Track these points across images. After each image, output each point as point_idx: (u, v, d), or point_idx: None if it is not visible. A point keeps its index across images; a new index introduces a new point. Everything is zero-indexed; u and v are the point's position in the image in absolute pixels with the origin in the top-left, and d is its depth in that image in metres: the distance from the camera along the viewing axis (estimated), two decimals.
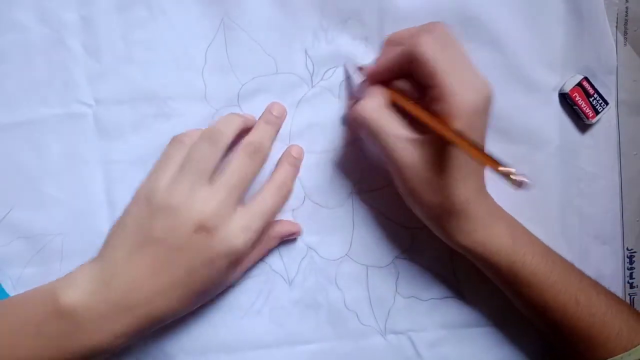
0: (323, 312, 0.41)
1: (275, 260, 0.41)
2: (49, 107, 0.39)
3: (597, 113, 0.40)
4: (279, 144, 0.40)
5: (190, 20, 0.39)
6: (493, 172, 0.28)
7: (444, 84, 0.32)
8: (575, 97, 0.40)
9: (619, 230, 0.42)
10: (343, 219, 0.41)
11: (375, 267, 0.41)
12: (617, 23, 0.41)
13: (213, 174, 0.36)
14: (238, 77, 0.40)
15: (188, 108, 0.40)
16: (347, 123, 0.41)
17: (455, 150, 0.33)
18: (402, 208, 0.41)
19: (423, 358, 0.41)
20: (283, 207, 0.39)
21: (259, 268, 0.40)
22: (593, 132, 0.42)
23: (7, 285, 0.39)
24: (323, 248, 0.41)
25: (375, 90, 0.36)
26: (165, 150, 0.37)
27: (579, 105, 0.40)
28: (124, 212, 0.36)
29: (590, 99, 0.40)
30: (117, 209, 0.39)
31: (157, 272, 0.34)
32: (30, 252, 0.39)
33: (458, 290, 0.41)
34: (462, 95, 0.32)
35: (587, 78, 0.40)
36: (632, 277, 0.43)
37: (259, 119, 0.39)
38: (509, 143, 0.41)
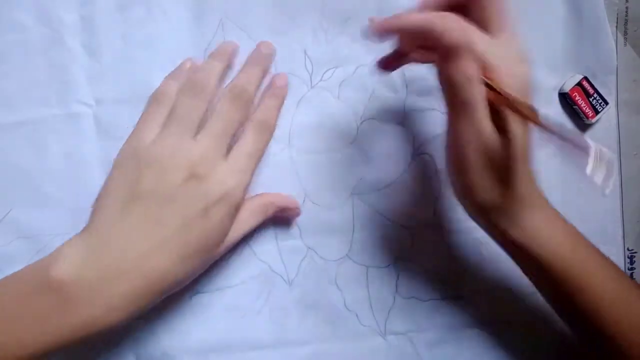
0: (323, 312, 0.41)
1: (275, 261, 0.41)
2: (49, 107, 0.39)
3: (597, 113, 0.40)
4: (278, 145, 0.40)
5: (190, 20, 0.39)
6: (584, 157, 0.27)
7: (486, 61, 0.30)
8: (575, 96, 0.40)
9: (619, 230, 0.42)
10: (343, 220, 0.41)
11: (375, 267, 0.41)
12: (617, 23, 0.41)
13: (199, 126, 0.35)
14: None
15: None
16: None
17: (528, 145, 0.31)
18: (402, 208, 0.41)
19: (423, 358, 0.41)
20: (268, 143, 0.38)
21: (259, 268, 0.40)
22: (593, 132, 0.42)
23: None
24: (323, 248, 0.41)
25: (469, 55, 0.30)
26: (146, 109, 0.37)
27: (579, 105, 0.40)
28: (107, 179, 0.35)
29: (590, 99, 0.40)
30: None
31: (149, 227, 0.32)
32: (30, 252, 0.39)
33: (458, 291, 0.41)
34: (509, 72, 0.31)
35: (587, 78, 0.40)
36: (632, 277, 0.42)
37: (247, 59, 0.38)
38: None
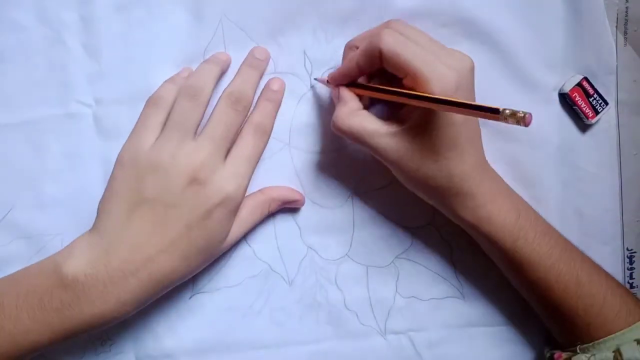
0: (323, 312, 0.41)
1: (276, 261, 0.41)
2: (49, 107, 0.39)
3: (597, 113, 0.40)
4: (278, 144, 0.40)
5: (190, 21, 0.39)
6: (495, 118, 0.28)
7: (415, 71, 0.32)
8: (575, 97, 0.40)
9: (619, 230, 0.42)
10: (343, 219, 0.41)
11: (376, 267, 0.41)
12: (617, 23, 0.41)
13: (198, 129, 0.36)
14: None
15: None
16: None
17: (441, 130, 0.33)
18: (402, 208, 0.41)
19: (423, 358, 0.41)
20: (265, 146, 0.39)
21: (259, 268, 0.40)
22: (593, 132, 0.42)
23: None
24: (323, 248, 0.41)
25: (345, 96, 0.36)
26: (143, 113, 0.37)
27: (579, 106, 0.40)
28: (110, 179, 0.36)
29: (590, 99, 0.40)
30: None
31: (155, 231, 0.34)
32: (30, 252, 0.39)
33: (458, 290, 0.41)
34: (436, 78, 0.31)
35: (587, 78, 0.40)
36: (632, 277, 0.42)
37: (242, 64, 0.39)
38: (509, 143, 0.41)
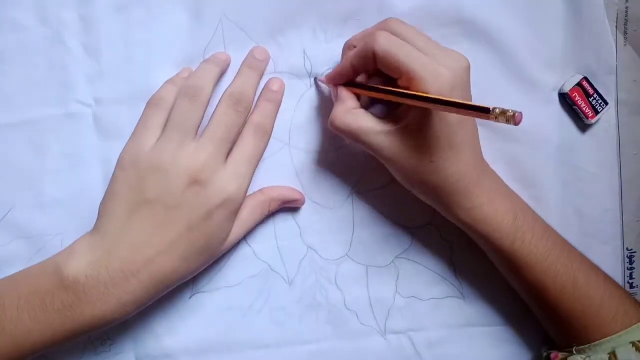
0: (323, 312, 0.41)
1: (276, 261, 0.41)
2: (49, 107, 0.39)
3: (597, 113, 0.40)
4: (278, 144, 0.40)
5: (190, 21, 0.39)
6: (486, 117, 0.28)
7: (409, 71, 0.32)
8: (575, 97, 0.40)
9: (619, 230, 0.42)
10: (343, 219, 0.41)
11: (375, 267, 0.41)
12: (617, 23, 0.41)
13: (198, 130, 0.36)
14: None
15: None
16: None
17: (437, 130, 0.33)
18: (402, 208, 0.41)
19: (423, 358, 0.41)
20: (266, 147, 0.39)
21: (259, 268, 0.40)
22: (593, 132, 0.42)
23: None
24: (323, 248, 0.41)
25: (343, 95, 0.36)
26: (143, 114, 0.37)
27: (579, 106, 0.40)
28: (112, 180, 0.36)
29: (590, 99, 0.40)
30: None
31: (156, 232, 0.34)
32: (30, 252, 0.39)
33: (458, 290, 0.41)
34: (430, 78, 0.31)
35: (587, 78, 0.40)
36: (632, 277, 0.42)
37: (242, 64, 0.39)
38: (509, 143, 0.41)
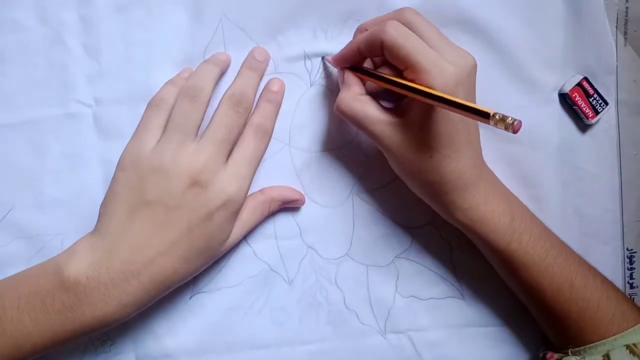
0: (323, 312, 0.41)
1: (276, 261, 0.41)
2: (49, 107, 0.39)
3: (597, 113, 0.40)
4: (278, 144, 0.40)
5: (190, 21, 0.39)
6: (486, 122, 0.28)
7: (415, 64, 0.32)
8: (575, 97, 0.40)
9: (619, 230, 0.42)
10: (343, 219, 0.41)
11: (375, 266, 0.41)
12: (617, 23, 0.41)
13: (199, 131, 0.36)
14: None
15: None
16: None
17: (439, 126, 0.33)
18: (402, 208, 0.41)
19: (423, 358, 0.41)
20: (266, 147, 0.39)
21: (259, 268, 0.40)
22: (593, 132, 0.42)
23: None
24: (323, 248, 0.41)
25: (349, 80, 0.36)
26: (144, 115, 0.37)
27: (579, 106, 0.40)
28: (112, 181, 0.36)
29: (590, 99, 0.40)
30: None
31: (156, 233, 0.34)
32: (30, 252, 0.39)
33: (458, 290, 0.41)
34: (436, 72, 0.31)
35: (587, 78, 0.40)
36: (632, 277, 0.42)
37: (242, 65, 0.39)
38: (509, 143, 0.41)
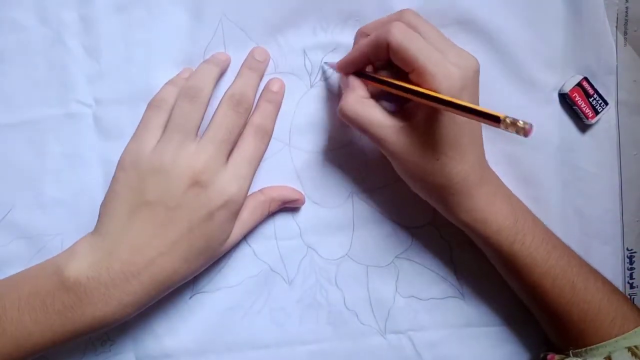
0: (323, 312, 0.41)
1: (276, 261, 0.41)
2: (49, 107, 0.39)
3: (596, 113, 0.40)
4: (278, 144, 0.40)
5: (189, 21, 0.39)
6: (496, 126, 0.28)
7: (421, 67, 0.32)
8: (575, 97, 0.40)
9: (619, 230, 0.42)
10: (343, 219, 0.41)
11: (375, 267, 0.41)
12: (617, 23, 0.41)
13: (199, 131, 0.36)
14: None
15: None
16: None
17: (445, 129, 0.33)
18: (402, 208, 0.41)
19: (423, 358, 0.41)
20: (267, 147, 0.39)
21: (259, 268, 0.40)
22: (593, 132, 0.42)
23: None
24: (323, 248, 0.41)
25: (353, 83, 0.36)
26: (144, 115, 0.37)
27: (579, 106, 0.40)
28: (112, 181, 0.36)
29: (590, 99, 0.40)
30: None
31: (157, 233, 0.34)
32: (30, 252, 0.39)
33: (458, 290, 0.41)
34: (442, 75, 0.31)
35: (586, 78, 0.40)
36: (632, 277, 0.42)
37: (242, 65, 0.39)
38: (509, 143, 0.41)
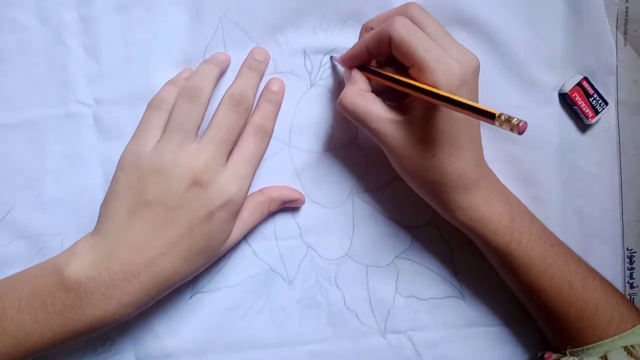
0: (323, 312, 0.41)
1: (276, 261, 0.41)
2: (49, 107, 0.39)
3: (596, 113, 0.40)
4: (278, 144, 0.40)
5: (189, 21, 0.39)
6: (491, 122, 0.28)
7: (421, 61, 0.32)
8: (575, 97, 0.40)
9: (619, 230, 0.42)
10: (343, 219, 0.41)
11: (375, 266, 0.41)
12: (617, 23, 0.41)
13: (199, 131, 0.36)
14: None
15: None
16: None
17: (442, 125, 0.33)
18: (402, 208, 0.41)
19: (423, 358, 0.41)
20: (267, 147, 0.39)
21: (259, 268, 0.40)
22: (593, 132, 0.42)
23: None
24: (323, 248, 0.41)
25: (355, 77, 0.36)
26: (144, 115, 0.37)
27: (579, 106, 0.40)
28: (112, 181, 0.36)
29: (590, 99, 0.40)
30: None
31: (157, 233, 0.34)
32: (30, 252, 0.39)
33: (458, 290, 0.41)
34: (441, 70, 0.31)
35: (586, 78, 0.40)
36: (632, 277, 0.42)
37: (242, 65, 0.39)
38: (509, 143, 0.41)
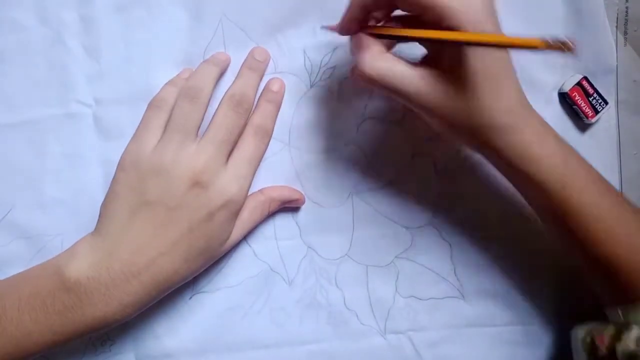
0: (323, 312, 0.41)
1: (276, 261, 0.41)
2: (49, 107, 0.39)
3: (596, 113, 0.40)
4: (278, 144, 0.40)
5: (189, 21, 0.39)
6: (538, 49, 0.26)
7: (434, 3, 0.29)
8: (575, 96, 0.40)
9: None
10: (343, 219, 0.41)
11: (375, 266, 0.41)
12: (617, 23, 0.41)
13: (199, 131, 0.36)
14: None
15: None
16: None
17: (475, 64, 0.30)
18: (402, 208, 0.41)
19: (423, 358, 0.41)
20: (267, 147, 0.39)
21: (259, 268, 0.40)
22: (593, 131, 0.42)
23: None
24: (323, 248, 0.41)
25: (365, 41, 0.32)
26: (144, 116, 0.37)
27: (579, 105, 0.40)
28: (112, 182, 0.36)
29: (590, 99, 0.40)
30: None
31: (157, 233, 0.34)
32: (30, 252, 0.39)
33: (458, 290, 0.41)
34: (458, 4, 0.29)
35: (586, 78, 0.40)
36: None
37: (242, 65, 0.39)
38: None
